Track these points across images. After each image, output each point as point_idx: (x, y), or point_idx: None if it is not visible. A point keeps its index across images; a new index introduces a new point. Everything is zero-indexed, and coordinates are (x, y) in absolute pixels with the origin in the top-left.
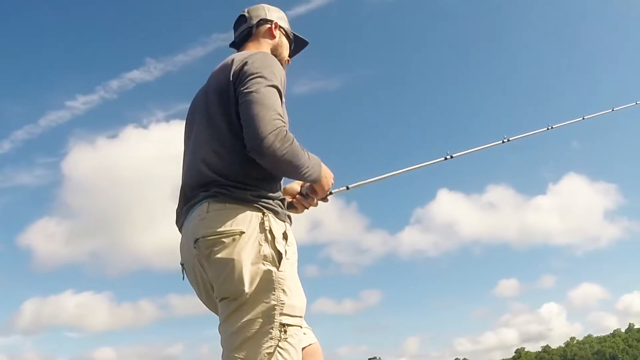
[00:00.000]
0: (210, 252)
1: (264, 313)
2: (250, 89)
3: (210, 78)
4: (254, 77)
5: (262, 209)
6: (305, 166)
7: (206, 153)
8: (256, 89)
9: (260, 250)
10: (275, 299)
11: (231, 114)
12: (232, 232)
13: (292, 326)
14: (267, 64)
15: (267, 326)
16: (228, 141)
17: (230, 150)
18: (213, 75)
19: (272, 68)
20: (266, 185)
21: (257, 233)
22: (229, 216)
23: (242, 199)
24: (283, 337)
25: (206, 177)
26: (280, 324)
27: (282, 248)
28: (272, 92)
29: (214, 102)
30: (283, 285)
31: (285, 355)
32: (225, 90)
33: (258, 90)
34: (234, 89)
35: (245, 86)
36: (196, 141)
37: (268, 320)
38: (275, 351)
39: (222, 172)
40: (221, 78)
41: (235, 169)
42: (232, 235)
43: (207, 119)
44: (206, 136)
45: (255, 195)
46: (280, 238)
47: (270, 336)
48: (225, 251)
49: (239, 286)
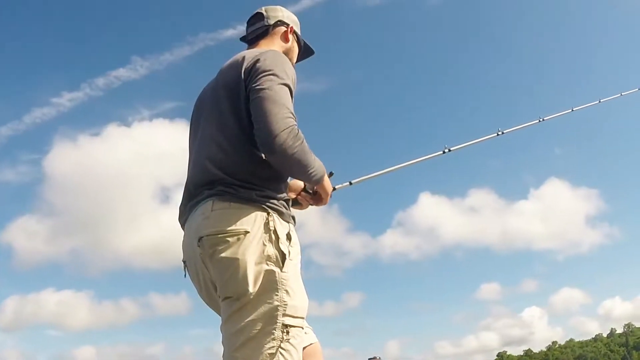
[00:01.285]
0: (214, 251)
1: (267, 313)
2: (262, 86)
3: (219, 74)
4: (266, 75)
5: (267, 209)
6: (312, 166)
7: (213, 150)
8: (269, 86)
9: (265, 250)
10: (278, 300)
11: (241, 110)
12: (237, 232)
13: (294, 327)
14: (279, 62)
15: (269, 327)
16: (236, 138)
17: (237, 148)
18: (222, 72)
19: (284, 66)
20: (272, 185)
21: (262, 233)
22: (234, 215)
23: (247, 199)
24: (285, 337)
25: (212, 174)
26: (282, 325)
27: (285, 249)
28: (285, 91)
29: (223, 99)
30: (286, 286)
31: (287, 355)
32: (235, 87)
33: (271, 87)
34: (245, 86)
35: (257, 83)
36: (203, 138)
37: (270, 321)
38: (277, 352)
39: (228, 170)
40: (232, 74)
41: (242, 167)
42: (237, 235)
43: (215, 115)
44: (213, 133)
45: (260, 195)
46: (284, 239)
47: (273, 337)
48: (230, 250)
49: (242, 286)
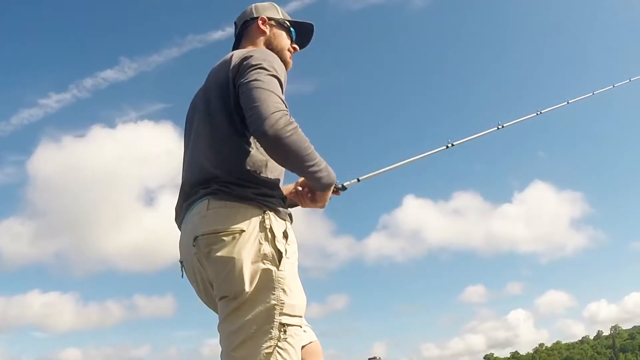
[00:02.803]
0: (210, 250)
1: (264, 312)
2: (250, 78)
3: (210, 75)
4: (254, 68)
5: (262, 208)
6: (313, 159)
7: (207, 149)
8: (257, 77)
9: (261, 249)
10: (275, 299)
11: (232, 109)
12: (232, 231)
13: (291, 326)
14: (267, 57)
15: (266, 326)
16: (229, 137)
17: (231, 147)
18: (212, 73)
19: (271, 62)
20: (267, 183)
21: (258, 232)
22: (229, 214)
23: (242, 197)
24: (282, 337)
25: (207, 173)
26: (280, 324)
27: (282, 247)
28: (274, 81)
29: (214, 99)
30: (283, 284)
31: (284, 355)
32: (225, 86)
33: (259, 78)
34: (234, 84)
35: (245, 77)
36: (196, 138)
37: (268, 320)
38: (274, 351)
39: (223, 169)
40: (221, 74)
41: (237, 166)
42: (232, 234)
43: (207, 115)
44: (206, 133)
45: (256, 193)
46: (281, 237)
47: (270, 336)
48: (225, 250)
49: (239, 285)
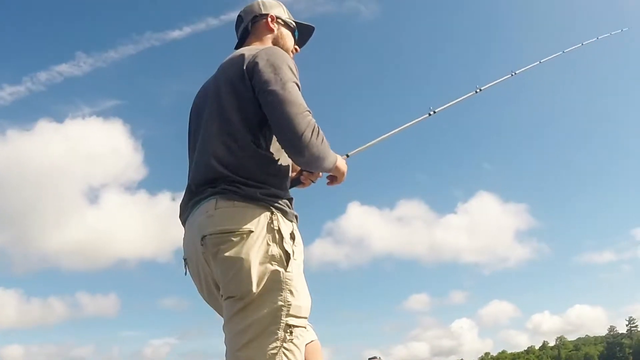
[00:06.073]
0: (218, 250)
1: (270, 313)
2: (273, 87)
3: (219, 72)
4: (273, 75)
5: (270, 208)
6: (331, 156)
7: (216, 147)
8: (280, 87)
9: (269, 250)
10: (282, 300)
11: (245, 108)
12: (241, 231)
13: (297, 327)
14: (280, 60)
15: (272, 326)
16: (240, 135)
17: (241, 146)
18: (222, 69)
19: (286, 62)
20: (275, 183)
21: (266, 232)
22: (238, 214)
23: (251, 197)
24: (288, 338)
25: (215, 172)
26: (286, 325)
27: (289, 248)
28: (295, 88)
29: (226, 95)
30: (290, 286)
31: (289, 355)
32: (238, 84)
33: (283, 87)
34: (251, 85)
35: (265, 84)
36: (205, 136)
37: (274, 321)
38: (279, 352)
39: (231, 168)
40: (233, 71)
41: (246, 165)
42: (241, 234)
43: (219, 113)
44: (217, 130)
45: (264, 194)
46: (288, 238)
47: (276, 337)
48: (233, 250)
49: (246, 286)
